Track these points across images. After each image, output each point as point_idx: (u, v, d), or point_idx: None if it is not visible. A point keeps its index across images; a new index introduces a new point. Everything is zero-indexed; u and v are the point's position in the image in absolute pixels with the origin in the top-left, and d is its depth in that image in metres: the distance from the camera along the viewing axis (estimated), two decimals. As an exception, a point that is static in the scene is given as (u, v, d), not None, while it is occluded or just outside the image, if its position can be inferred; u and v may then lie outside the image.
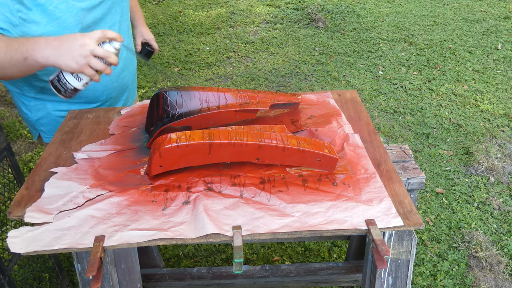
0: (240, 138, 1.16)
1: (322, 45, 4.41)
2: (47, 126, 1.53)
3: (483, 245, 2.20)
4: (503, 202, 2.51)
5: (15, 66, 1.10)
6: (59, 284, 1.95)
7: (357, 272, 1.79)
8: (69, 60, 1.06)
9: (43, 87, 1.42)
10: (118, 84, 1.56)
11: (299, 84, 3.75)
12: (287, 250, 2.25)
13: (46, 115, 1.51)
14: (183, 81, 3.86)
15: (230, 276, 1.76)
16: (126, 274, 1.23)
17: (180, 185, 1.17)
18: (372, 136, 1.40)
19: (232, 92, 1.40)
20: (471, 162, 2.81)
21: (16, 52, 1.08)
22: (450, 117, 3.26)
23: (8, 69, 1.11)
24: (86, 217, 1.07)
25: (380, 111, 3.37)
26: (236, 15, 5.14)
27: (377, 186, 1.16)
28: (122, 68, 1.56)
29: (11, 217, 1.11)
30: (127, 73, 1.60)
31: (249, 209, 1.09)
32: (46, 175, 1.23)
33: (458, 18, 4.96)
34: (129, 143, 1.37)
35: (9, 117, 3.34)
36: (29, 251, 0.99)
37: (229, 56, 4.26)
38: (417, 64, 4.01)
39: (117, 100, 1.63)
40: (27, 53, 1.08)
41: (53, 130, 1.53)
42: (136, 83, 1.75)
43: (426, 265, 2.14)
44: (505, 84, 3.69)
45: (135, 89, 1.74)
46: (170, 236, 1.02)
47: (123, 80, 1.57)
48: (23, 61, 1.08)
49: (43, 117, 1.52)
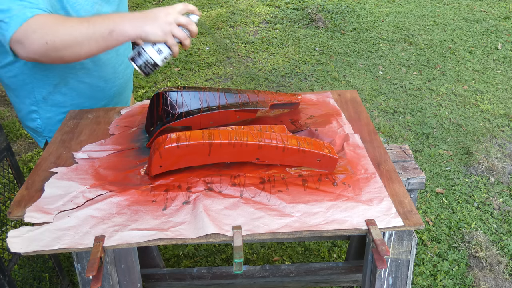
0: (240, 138, 1.16)
1: (322, 45, 4.41)
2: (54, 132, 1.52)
3: (483, 245, 2.20)
4: (503, 202, 2.51)
5: (95, 41, 1.10)
6: (59, 284, 1.95)
7: (357, 272, 1.79)
8: (155, 28, 1.10)
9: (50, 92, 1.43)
10: (123, 80, 1.57)
11: (299, 84, 3.75)
12: (287, 250, 2.25)
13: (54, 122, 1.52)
14: (183, 81, 3.86)
15: (230, 276, 1.76)
16: (126, 274, 1.23)
17: (180, 185, 1.17)
18: (372, 136, 1.40)
19: (232, 92, 1.40)
20: (471, 162, 2.81)
21: (101, 26, 1.09)
22: (450, 117, 3.26)
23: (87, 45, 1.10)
24: (86, 217, 1.07)
25: (380, 111, 3.37)
26: (236, 15, 5.14)
27: (377, 186, 1.16)
28: (127, 64, 1.60)
29: (11, 217, 1.11)
30: (130, 71, 1.64)
31: (249, 209, 1.09)
32: (46, 175, 1.23)
33: (458, 18, 4.96)
34: (129, 143, 1.37)
35: (9, 117, 3.34)
36: (29, 251, 0.99)
37: (229, 56, 4.26)
38: (417, 64, 4.01)
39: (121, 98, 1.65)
40: (114, 25, 1.09)
41: None
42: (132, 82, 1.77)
43: (426, 265, 2.14)
44: (505, 84, 3.69)
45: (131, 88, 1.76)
46: (170, 236, 1.02)
47: (126, 76, 1.60)
48: (107, 34, 1.10)
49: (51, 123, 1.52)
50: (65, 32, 1.08)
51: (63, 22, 1.10)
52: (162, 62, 1.20)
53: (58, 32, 1.08)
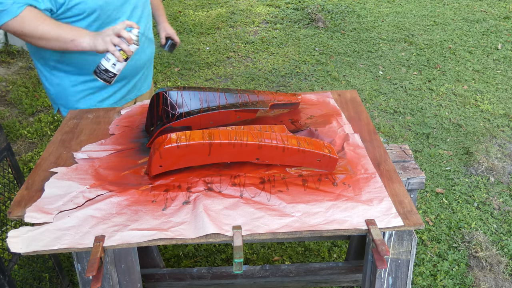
0: (240, 138, 1.16)
1: (322, 45, 4.41)
2: (64, 100, 1.68)
3: (483, 245, 2.20)
4: (503, 202, 2.51)
5: (60, 42, 1.41)
6: (59, 284, 1.95)
7: (357, 272, 1.78)
8: (99, 40, 1.39)
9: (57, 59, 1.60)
10: (133, 63, 1.69)
11: (299, 84, 3.75)
12: (287, 250, 2.25)
13: (63, 90, 1.65)
14: (183, 81, 3.86)
15: (230, 276, 1.76)
16: (126, 274, 1.23)
17: (180, 185, 1.17)
18: (372, 136, 1.40)
19: (232, 92, 1.40)
20: (471, 162, 2.81)
21: (67, 34, 1.40)
22: (450, 117, 3.26)
23: (53, 42, 1.41)
24: (86, 217, 1.07)
25: (380, 111, 3.37)
26: (236, 15, 5.14)
27: (377, 186, 1.16)
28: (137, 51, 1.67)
29: (11, 217, 1.11)
30: (143, 56, 1.75)
31: (249, 209, 1.09)
32: (46, 175, 1.23)
33: (458, 18, 4.96)
34: (129, 143, 1.37)
35: (9, 117, 3.34)
36: (29, 251, 0.99)
37: (229, 56, 4.26)
38: (417, 64, 4.01)
39: (132, 78, 1.76)
40: (75, 37, 1.41)
41: (69, 105, 1.68)
42: (152, 67, 1.92)
43: (426, 265, 2.14)
44: (505, 84, 3.69)
45: (151, 71, 1.91)
46: (170, 236, 1.02)
47: (138, 61, 1.72)
48: (70, 41, 1.40)
49: (61, 91, 1.66)
50: (41, 28, 1.39)
51: (43, 21, 1.40)
52: (113, 67, 1.41)
53: (36, 26, 1.39)
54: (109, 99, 1.71)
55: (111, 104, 1.72)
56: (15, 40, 4.15)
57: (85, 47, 1.42)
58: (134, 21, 1.64)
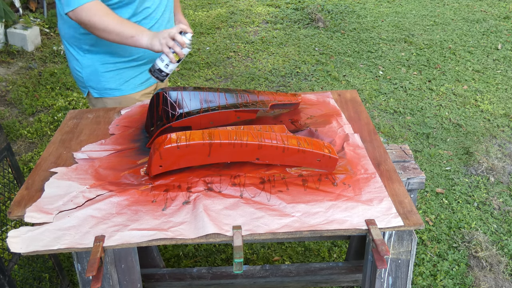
0: (240, 138, 1.16)
1: (322, 45, 4.41)
2: (95, 82, 1.75)
3: (483, 245, 2.20)
4: (503, 202, 2.51)
5: (120, 37, 1.51)
6: (59, 284, 1.95)
7: (357, 272, 1.79)
8: (156, 41, 1.49)
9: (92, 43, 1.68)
10: None
11: (299, 84, 3.75)
12: (287, 250, 2.25)
13: (94, 71, 1.72)
14: (183, 81, 3.86)
15: (230, 276, 1.76)
16: (126, 274, 1.23)
17: (180, 185, 1.17)
18: (372, 136, 1.40)
19: (232, 92, 1.40)
20: (471, 162, 2.81)
21: (128, 30, 1.51)
22: (450, 117, 3.26)
23: (114, 36, 1.51)
24: (86, 217, 1.07)
25: (380, 111, 3.37)
26: (236, 15, 5.14)
27: (377, 186, 1.16)
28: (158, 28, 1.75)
29: (11, 217, 1.11)
30: None
31: (249, 209, 1.09)
32: (46, 175, 1.23)
33: (458, 18, 4.96)
34: (129, 143, 1.37)
35: (9, 117, 3.34)
36: (29, 251, 0.99)
37: (229, 56, 4.26)
38: (417, 64, 4.01)
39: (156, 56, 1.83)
40: (136, 33, 1.51)
41: (99, 85, 1.75)
42: None
43: (426, 265, 2.14)
44: (505, 84, 3.69)
45: None
46: (170, 236, 1.03)
47: None
48: (129, 37, 1.50)
49: (92, 73, 1.73)
50: (106, 21, 1.49)
51: (108, 14, 1.51)
52: (166, 67, 1.50)
53: (101, 18, 1.49)
54: (135, 79, 1.78)
55: (136, 85, 1.78)
56: (15, 40, 4.15)
57: (142, 44, 1.51)
58: (161, 8, 1.74)
